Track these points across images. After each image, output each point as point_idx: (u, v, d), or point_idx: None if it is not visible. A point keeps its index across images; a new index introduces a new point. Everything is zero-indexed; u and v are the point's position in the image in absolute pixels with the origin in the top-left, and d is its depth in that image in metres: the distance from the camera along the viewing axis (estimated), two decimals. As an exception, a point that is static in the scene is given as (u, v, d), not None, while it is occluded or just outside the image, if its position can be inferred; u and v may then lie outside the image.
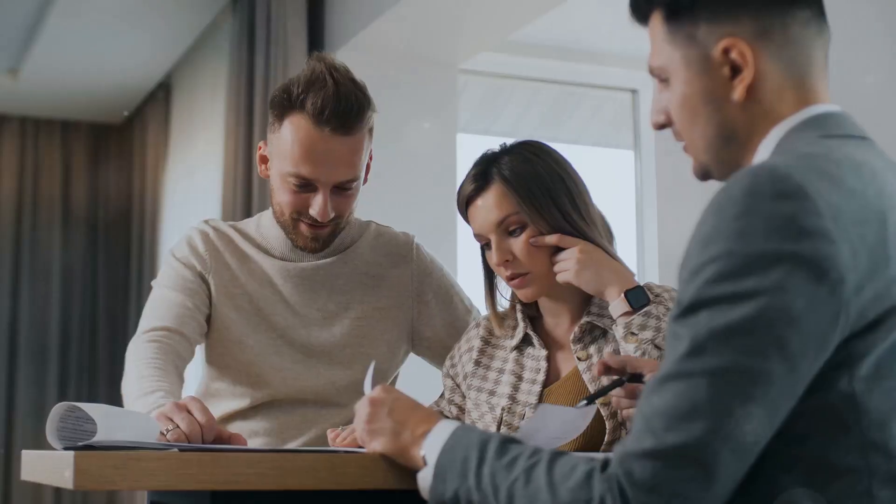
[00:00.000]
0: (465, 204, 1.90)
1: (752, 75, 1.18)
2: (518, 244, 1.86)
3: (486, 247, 1.91)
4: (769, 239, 1.03)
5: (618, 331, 1.79)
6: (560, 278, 1.85)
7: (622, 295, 1.79)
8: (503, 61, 5.05)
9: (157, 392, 1.74)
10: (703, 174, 1.26)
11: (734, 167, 1.22)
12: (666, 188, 2.90)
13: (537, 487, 1.11)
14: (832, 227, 1.04)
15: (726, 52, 1.19)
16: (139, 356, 1.87)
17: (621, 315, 1.80)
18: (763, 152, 1.19)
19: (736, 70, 1.19)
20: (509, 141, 1.93)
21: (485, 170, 1.88)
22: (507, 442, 1.20)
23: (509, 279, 1.88)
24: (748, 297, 1.03)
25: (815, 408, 1.07)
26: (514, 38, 4.67)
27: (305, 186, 1.96)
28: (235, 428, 2.06)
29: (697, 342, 1.05)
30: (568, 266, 1.83)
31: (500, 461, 1.17)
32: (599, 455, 1.12)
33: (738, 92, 1.19)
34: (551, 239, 1.85)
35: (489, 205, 1.86)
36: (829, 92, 1.23)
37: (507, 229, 1.86)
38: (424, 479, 1.26)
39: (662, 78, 1.25)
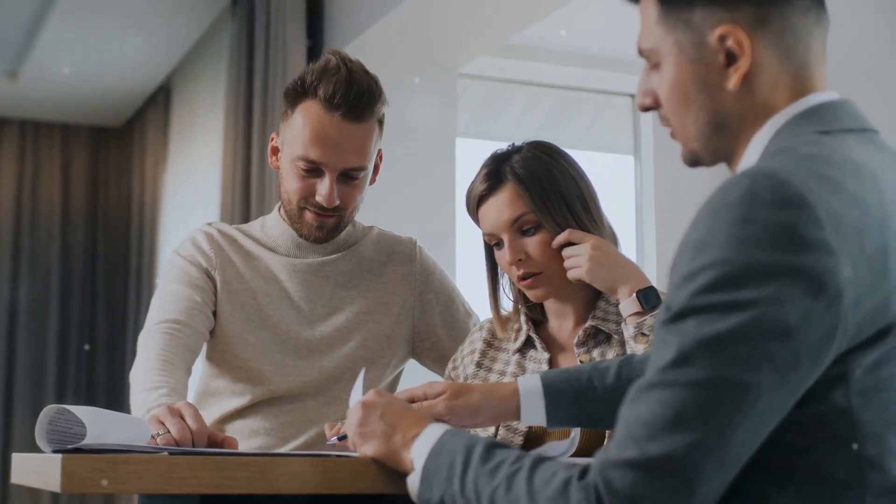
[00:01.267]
0: (476, 203, 1.88)
1: (748, 64, 1.14)
2: (532, 243, 1.84)
3: (496, 247, 1.89)
4: (767, 249, 1.00)
5: (627, 330, 1.77)
6: (571, 275, 1.82)
7: (634, 294, 1.77)
8: (503, 65, 5.04)
9: (161, 389, 1.74)
10: (693, 161, 1.22)
11: (725, 155, 1.19)
12: (665, 193, 2.89)
13: (517, 495, 1.09)
14: (833, 237, 1.01)
15: (722, 39, 1.14)
16: (150, 346, 1.88)
17: (632, 315, 1.77)
18: (757, 145, 1.15)
19: (731, 58, 1.14)
20: (518, 142, 1.92)
21: (497, 169, 1.86)
22: (492, 447, 1.18)
23: (521, 279, 1.86)
24: (741, 308, 1.00)
25: (809, 420, 1.05)
26: (513, 42, 4.67)
27: (313, 171, 1.99)
28: (235, 427, 2.06)
29: (684, 351, 1.01)
30: (580, 262, 1.81)
31: (484, 467, 1.15)
32: (581, 461, 1.10)
33: (732, 81, 1.14)
34: (562, 236, 1.83)
35: (502, 204, 1.85)
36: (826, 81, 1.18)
37: (520, 228, 1.84)
38: (413, 483, 1.25)
39: (652, 61, 1.20)
